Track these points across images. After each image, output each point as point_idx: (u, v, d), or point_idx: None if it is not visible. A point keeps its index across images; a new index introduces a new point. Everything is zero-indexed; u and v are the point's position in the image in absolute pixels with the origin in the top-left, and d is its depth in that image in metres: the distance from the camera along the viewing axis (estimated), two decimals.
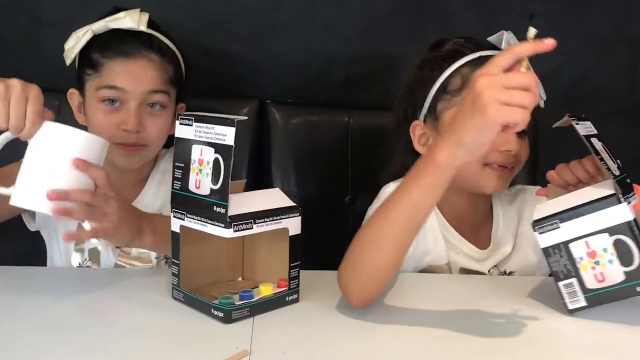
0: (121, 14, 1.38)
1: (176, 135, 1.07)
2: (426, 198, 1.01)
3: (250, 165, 1.61)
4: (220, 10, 1.74)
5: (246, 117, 1.49)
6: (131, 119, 1.35)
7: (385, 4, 1.79)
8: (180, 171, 1.06)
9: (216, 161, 1.00)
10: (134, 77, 1.36)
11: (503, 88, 0.89)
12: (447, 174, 0.98)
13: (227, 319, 1.01)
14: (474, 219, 1.40)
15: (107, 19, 1.38)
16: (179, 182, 1.06)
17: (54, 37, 1.45)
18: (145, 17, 1.39)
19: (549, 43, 0.90)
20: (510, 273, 1.38)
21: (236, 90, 1.77)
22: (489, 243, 1.39)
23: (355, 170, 1.66)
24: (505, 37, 1.32)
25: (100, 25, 1.37)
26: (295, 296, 1.09)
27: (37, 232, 1.47)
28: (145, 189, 1.46)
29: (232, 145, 0.99)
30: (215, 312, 1.02)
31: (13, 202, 1.06)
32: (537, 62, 1.92)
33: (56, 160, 1.05)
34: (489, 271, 1.36)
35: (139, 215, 1.21)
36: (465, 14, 1.79)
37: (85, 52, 1.39)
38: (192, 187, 1.04)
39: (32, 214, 1.41)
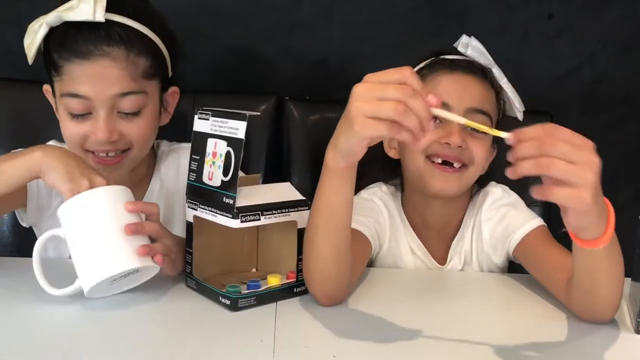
0: (74, 1, 1.13)
1: (194, 129, 1.09)
2: (335, 199, 0.99)
3: (267, 161, 1.62)
4: (240, 7, 1.77)
5: (258, 113, 1.51)
6: (100, 129, 1.16)
7: (405, 2, 1.80)
8: (196, 163, 1.09)
9: (228, 154, 1.03)
10: (95, 81, 1.15)
11: (374, 99, 0.84)
12: (341, 175, 0.96)
13: (234, 306, 1.03)
14: (442, 230, 1.35)
15: (61, 8, 1.15)
16: (194, 174, 1.09)
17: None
18: (103, 1, 1.13)
19: (431, 100, 0.84)
20: None
21: (255, 87, 1.79)
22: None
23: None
24: (464, 40, 1.27)
25: (53, 17, 1.14)
26: (303, 287, 1.11)
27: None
28: (147, 196, 1.35)
29: (242, 139, 1.01)
30: (223, 300, 1.05)
31: (90, 282, 1.00)
32: (555, 61, 1.91)
33: (111, 221, 1.02)
34: None
35: (179, 241, 1.13)
36: (484, 12, 1.80)
37: (46, 48, 1.18)
38: (205, 178, 1.06)
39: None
